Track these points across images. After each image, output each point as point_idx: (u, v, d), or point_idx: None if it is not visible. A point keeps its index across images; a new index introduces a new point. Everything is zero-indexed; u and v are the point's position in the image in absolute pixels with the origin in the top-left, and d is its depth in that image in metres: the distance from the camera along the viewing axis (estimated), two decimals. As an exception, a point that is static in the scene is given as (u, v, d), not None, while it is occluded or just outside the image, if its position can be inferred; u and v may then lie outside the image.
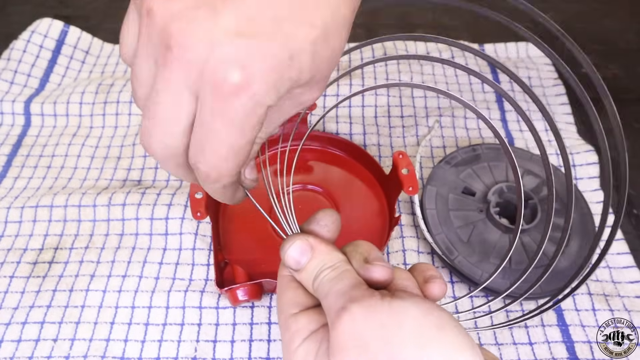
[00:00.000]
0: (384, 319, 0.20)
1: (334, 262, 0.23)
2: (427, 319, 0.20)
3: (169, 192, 0.45)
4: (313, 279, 0.23)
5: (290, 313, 0.24)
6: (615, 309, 0.40)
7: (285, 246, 0.24)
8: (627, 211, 0.48)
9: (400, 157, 0.43)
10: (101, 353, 0.37)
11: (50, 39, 0.60)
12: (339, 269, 0.23)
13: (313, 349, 0.22)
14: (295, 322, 0.23)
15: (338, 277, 0.23)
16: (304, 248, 0.24)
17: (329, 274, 0.23)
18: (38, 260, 0.43)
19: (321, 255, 0.24)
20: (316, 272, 0.23)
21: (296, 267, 0.24)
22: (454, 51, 0.61)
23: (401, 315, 0.20)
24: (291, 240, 0.24)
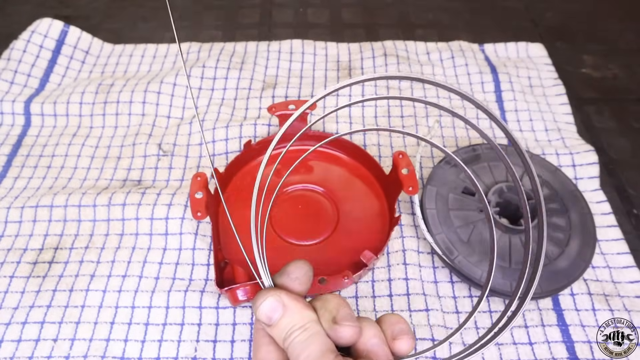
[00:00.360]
0: None
1: (304, 322, 0.24)
2: None
3: (169, 192, 0.45)
4: (283, 338, 0.24)
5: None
6: (615, 309, 0.40)
7: (257, 301, 0.25)
8: (627, 211, 0.48)
9: (400, 157, 0.43)
10: (101, 353, 0.37)
11: (50, 39, 0.60)
12: (308, 331, 0.24)
13: None
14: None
15: (307, 340, 0.23)
16: (275, 305, 0.24)
17: (299, 335, 0.24)
18: (38, 260, 0.43)
19: (292, 314, 0.24)
20: (286, 332, 0.24)
21: (268, 322, 0.25)
22: (454, 51, 0.61)
23: None
24: (263, 296, 0.25)
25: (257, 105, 0.55)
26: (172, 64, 0.61)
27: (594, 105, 0.58)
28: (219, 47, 0.62)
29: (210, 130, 0.52)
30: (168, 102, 0.55)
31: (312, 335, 0.23)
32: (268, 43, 0.63)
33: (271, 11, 0.70)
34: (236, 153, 0.49)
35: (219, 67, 0.58)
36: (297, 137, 0.28)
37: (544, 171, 0.46)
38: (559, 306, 0.40)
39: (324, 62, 0.61)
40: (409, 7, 0.71)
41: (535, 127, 0.54)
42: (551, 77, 0.59)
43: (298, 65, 0.61)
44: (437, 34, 0.66)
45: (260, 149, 0.50)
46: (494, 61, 0.61)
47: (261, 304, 0.25)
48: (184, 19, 0.68)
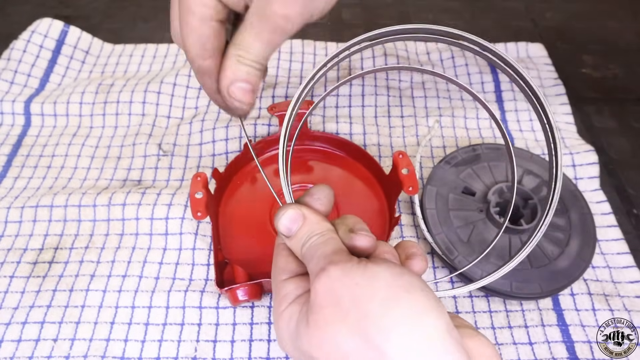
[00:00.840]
0: (357, 280, 0.21)
1: (321, 230, 0.25)
2: (397, 281, 0.21)
3: (169, 192, 0.45)
4: (301, 245, 0.25)
5: (280, 279, 0.26)
6: (615, 309, 0.40)
7: (279, 214, 0.26)
8: (627, 211, 0.48)
9: (400, 157, 0.43)
10: (101, 353, 0.37)
11: (50, 39, 0.60)
12: (325, 236, 0.24)
13: (296, 311, 0.23)
14: (284, 287, 0.25)
15: (323, 242, 0.24)
16: (296, 216, 0.25)
17: (316, 240, 0.24)
18: (38, 260, 0.43)
19: (311, 223, 0.25)
20: (304, 239, 0.25)
21: (287, 233, 0.25)
22: (454, 51, 0.61)
23: (373, 278, 0.21)
24: (285, 209, 0.25)
25: (257, 105, 0.55)
26: (172, 64, 0.61)
27: (594, 105, 0.58)
28: (219, 47, 0.62)
29: (210, 130, 0.52)
30: (168, 102, 0.55)
31: (328, 239, 0.24)
32: (268, 43, 0.63)
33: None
34: (236, 153, 0.49)
35: (219, 67, 0.58)
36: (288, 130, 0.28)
37: (544, 171, 0.46)
38: (559, 306, 0.40)
39: (324, 62, 0.61)
40: (409, 7, 0.71)
41: (535, 127, 0.54)
42: (551, 77, 0.59)
43: (298, 65, 0.61)
44: (437, 34, 0.66)
45: (261, 149, 0.50)
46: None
47: (282, 215, 0.25)
48: (184, 19, 0.68)
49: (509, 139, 0.29)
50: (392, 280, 0.21)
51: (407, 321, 0.20)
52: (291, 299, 0.24)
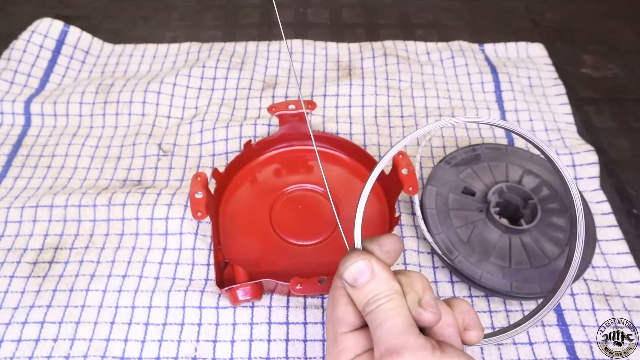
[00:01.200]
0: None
1: (390, 292, 0.24)
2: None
3: (169, 192, 0.45)
4: (365, 302, 0.24)
5: (340, 331, 0.25)
6: (615, 309, 0.40)
7: (347, 261, 0.25)
8: (627, 211, 0.48)
9: (400, 157, 0.43)
10: (101, 353, 0.37)
11: (50, 39, 0.60)
12: (394, 302, 0.24)
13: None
14: (344, 341, 0.25)
15: (393, 310, 0.24)
16: (365, 269, 0.25)
17: (385, 304, 0.24)
18: (38, 260, 0.43)
19: (379, 281, 0.25)
20: (371, 297, 0.24)
21: (353, 283, 0.25)
22: (454, 51, 0.61)
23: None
24: (355, 258, 0.25)
25: (257, 105, 0.55)
26: (172, 64, 0.61)
27: (594, 105, 0.58)
28: (219, 47, 0.62)
29: (210, 130, 0.52)
30: (168, 102, 0.55)
31: (398, 307, 0.24)
32: (268, 43, 0.63)
33: (271, 11, 0.70)
34: (236, 153, 0.49)
35: (219, 67, 0.58)
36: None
37: (544, 171, 0.46)
38: (559, 306, 0.40)
39: (324, 62, 0.61)
40: (409, 7, 0.71)
41: (535, 127, 0.54)
42: (551, 77, 0.59)
43: (298, 65, 0.61)
44: (437, 34, 0.66)
45: (260, 150, 0.50)
46: (494, 61, 0.61)
47: (352, 264, 0.25)
48: (184, 19, 0.68)
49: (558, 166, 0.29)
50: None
51: None
52: (350, 356, 0.24)
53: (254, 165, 0.49)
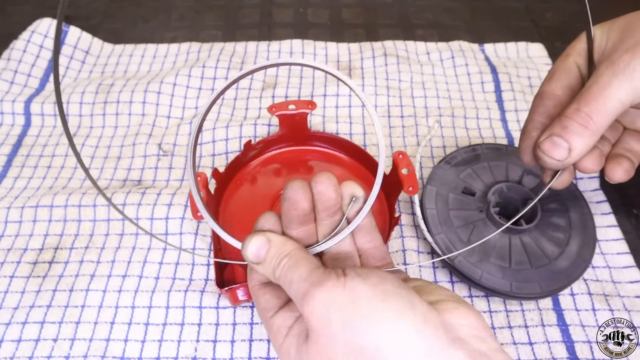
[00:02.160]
0: (340, 300, 0.23)
1: (289, 250, 0.26)
2: (374, 293, 0.23)
3: (169, 192, 0.45)
4: (273, 269, 0.26)
5: (268, 317, 0.27)
6: (615, 308, 0.40)
7: (245, 243, 0.27)
8: (627, 211, 0.48)
9: (400, 157, 0.43)
10: (101, 353, 0.37)
11: (50, 39, 0.60)
12: (295, 256, 0.26)
13: (293, 342, 0.25)
14: (274, 323, 0.27)
15: (295, 264, 0.25)
16: (262, 241, 0.27)
17: (287, 262, 0.26)
18: (38, 260, 0.43)
19: (277, 245, 0.27)
20: (275, 262, 0.26)
21: (257, 260, 0.26)
22: (454, 51, 0.61)
23: (354, 294, 0.23)
24: (249, 238, 0.27)
25: (257, 105, 0.55)
26: (172, 64, 0.61)
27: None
28: (219, 47, 0.62)
29: (210, 130, 0.52)
30: (168, 102, 0.55)
31: (300, 259, 0.26)
32: (268, 43, 0.63)
33: (271, 11, 0.70)
34: (236, 153, 0.49)
35: (219, 67, 0.58)
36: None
37: (544, 171, 0.46)
38: (559, 306, 0.40)
39: (324, 62, 0.61)
40: (409, 7, 0.71)
41: (535, 127, 0.54)
42: (551, 77, 0.59)
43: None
44: (437, 34, 0.66)
45: (260, 150, 0.50)
46: (494, 61, 0.61)
47: (249, 243, 0.26)
48: (184, 19, 0.68)
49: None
50: (370, 294, 0.23)
51: (388, 328, 0.22)
52: (284, 332, 0.26)
53: (254, 165, 0.50)
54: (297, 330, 0.26)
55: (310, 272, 0.24)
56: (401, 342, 0.22)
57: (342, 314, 0.22)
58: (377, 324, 0.22)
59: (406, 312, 0.22)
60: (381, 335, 0.22)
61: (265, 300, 0.28)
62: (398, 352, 0.21)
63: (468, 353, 0.22)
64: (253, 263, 0.27)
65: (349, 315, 0.22)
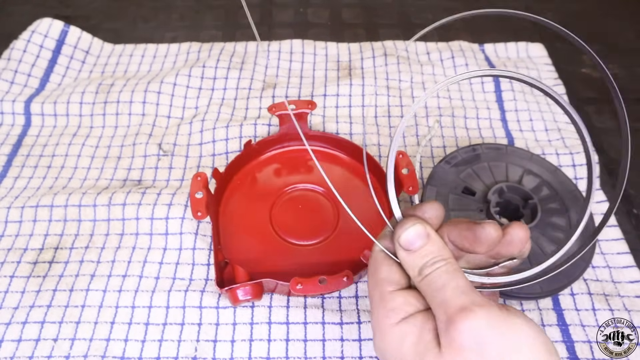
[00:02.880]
0: (503, 331, 0.22)
1: (448, 256, 0.24)
2: (540, 340, 0.22)
3: (169, 192, 0.45)
4: (422, 265, 0.24)
5: (387, 290, 0.25)
6: (615, 308, 0.40)
7: (404, 225, 0.25)
8: (627, 211, 0.48)
9: (400, 157, 0.43)
10: (101, 353, 0.37)
11: (50, 38, 0.60)
12: (453, 265, 0.24)
13: (412, 332, 0.23)
14: (392, 299, 0.24)
15: (453, 272, 0.24)
16: (422, 233, 0.25)
17: (444, 266, 0.24)
18: (38, 260, 0.43)
19: (436, 245, 0.25)
20: (428, 259, 0.24)
21: (408, 247, 0.25)
22: (454, 51, 0.62)
23: (518, 332, 0.22)
24: (411, 222, 0.25)
25: (257, 105, 0.55)
26: (172, 64, 0.61)
27: (594, 105, 0.58)
28: (219, 47, 0.62)
29: (211, 130, 0.52)
30: (168, 102, 0.55)
31: (457, 269, 0.24)
32: (268, 43, 0.63)
33: (271, 11, 0.70)
34: (236, 153, 0.49)
35: (219, 67, 0.58)
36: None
37: (544, 171, 0.46)
38: (559, 306, 0.40)
39: (324, 62, 0.61)
40: (409, 7, 0.71)
41: (535, 127, 0.54)
42: (551, 77, 0.59)
43: (298, 65, 0.61)
44: (437, 34, 0.66)
45: (260, 150, 0.50)
46: (494, 61, 0.61)
47: (408, 228, 0.25)
48: (184, 19, 0.68)
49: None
50: (535, 338, 0.22)
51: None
52: (402, 315, 0.24)
53: (254, 165, 0.50)
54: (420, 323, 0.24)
55: (471, 289, 0.23)
56: None
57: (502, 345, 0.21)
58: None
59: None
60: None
61: (390, 271, 0.26)
62: None
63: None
64: (400, 248, 0.25)
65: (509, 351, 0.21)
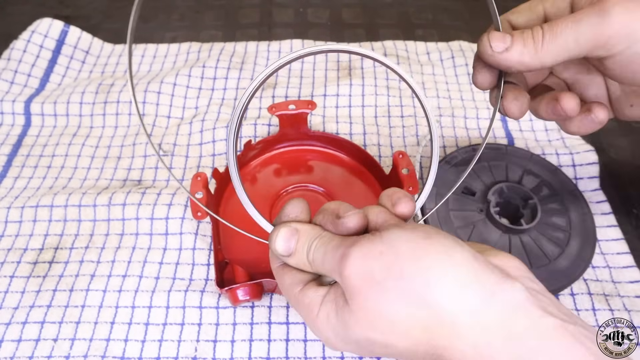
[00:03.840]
0: (379, 249, 0.22)
1: (318, 233, 0.25)
2: (415, 235, 0.22)
3: (169, 192, 0.45)
4: (306, 254, 0.25)
5: (296, 292, 0.26)
6: (615, 308, 0.40)
7: (272, 237, 0.26)
8: (627, 211, 0.48)
9: (400, 157, 0.43)
10: (101, 353, 0.37)
11: (50, 38, 0.60)
12: (325, 236, 0.25)
13: (331, 308, 0.24)
14: (304, 296, 0.25)
15: (327, 240, 0.24)
16: (290, 232, 0.26)
17: (318, 242, 0.25)
18: (38, 260, 0.43)
19: (306, 233, 0.25)
20: (307, 247, 0.25)
21: (287, 252, 0.25)
22: (454, 51, 0.61)
23: (393, 241, 0.22)
24: (276, 230, 0.26)
25: (257, 105, 0.55)
26: (172, 64, 0.61)
27: (594, 105, 0.58)
28: (219, 47, 0.62)
29: (211, 130, 0.52)
30: (168, 102, 0.55)
31: (329, 237, 0.25)
32: (268, 43, 0.63)
33: (271, 11, 0.70)
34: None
35: (219, 67, 0.58)
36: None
37: (544, 171, 0.46)
38: (559, 306, 0.40)
39: (324, 62, 0.61)
40: (409, 7, 0.71)
41: (535, 127, 0.54)
42: (551, 77, 0.59)
43: (298, 65, 0.61)
44: (437, 34, 0.66)
45: (261, 150, 0.50)
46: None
47: (277, 236, 0.25)
48: (184, 19, 0.68)
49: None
50: (411, 236, 0.22)
51: (438, 263, 0.21)
52: (318, 301, 0.24)
53: (254, 165, 0.50)
54: (332, 296, 0.24)
55: (342, 239, 0.24)
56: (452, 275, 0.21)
57: (385, 263, 0.21)
58: (423, 260, 0.21)
59: (455, 248, 0.21)
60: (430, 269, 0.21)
61: (292, 276, 0.26)
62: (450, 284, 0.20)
63: (524, 288, 0.21)
64: (284, 257, 0.26)
65: (393, 263, 0.21)
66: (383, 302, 0.21)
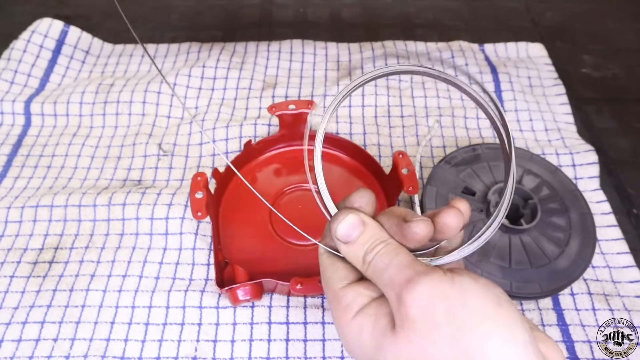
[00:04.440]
0: (448, 293, 0.21)
1: (386, 237, 0.24)
2: (487, 295, 0.21)
3: (169, 192, 0.45)
4: (364, 253, 0.24)
5: (337, 287, 0.25)
6: (615, 308, 0.40)
7: (337, 218, 0.25)
8: (627, 211, 0.48)
9: (400, 157, 0.43)
10: (101, 353, 0.37)
11: (50, 38, 0.60)
12: (392, 244, 0.24)
13: (368, 322, 0.23)
14: (344, 295, 0.24)
15: (394, 251, 0.23)
16: (356, 222, 0.25)
17: (384, 247, 0.24)
18: (38, 260, 0.43)
19: (373, 229, 0.25)
20: (368, 246, 0.24)
21: (346, 239, 0.25)
22: (454, 51, 0.62)
23: (465, 291, 0.21)
24: (343, 214, 0.25)
25: (257, 105, 0.55)
26: (172, 64, 0.61)
27: (594, 105, 0.58)
28: (219, 47, 0.62)
29: (211, 130, 0.52)
30: (168, 102, 0.55)
31: (398, 247, 0.24)
32: (268, 43, 0.63)
33: (271, 11, 0.70)
34: (236, 153, 0.49)
35: (219, 67, 0.58)
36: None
37: (544, 171, 0.46)
38: (559, 306, 0.40)
39: (324, 62, 0.61)
40: (409, 7, 0.71)
41: (535, 127, 0.54)
42: (551, 77, 0.59)
43: (298, 65, 0.61)
44: (437, 34, 0.66)
45: (261, 149, 0.50)
46: (494, 61, 0.61)
47: (342, 220, 0.25)
48: (184, 19, 0.68)
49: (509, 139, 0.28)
50: (483, 294, 0.21)
51: (500, 333, 0.20)
52: (356, 308, 0.24)
53: (254, 165, 0.50)
54: (373, 310, 0.23)
55: (413, 261, 0.23)
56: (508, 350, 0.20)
57: (450, 308, 0.21)
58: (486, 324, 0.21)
59: (518, 325, 0.21)
60: (490, 336, 0.20)
61: (336, 269, 0.25)
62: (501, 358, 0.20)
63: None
64: (339, 242, 0.25)
65: (457, 312, 0.21)
66: (431, 344, 0.21)
